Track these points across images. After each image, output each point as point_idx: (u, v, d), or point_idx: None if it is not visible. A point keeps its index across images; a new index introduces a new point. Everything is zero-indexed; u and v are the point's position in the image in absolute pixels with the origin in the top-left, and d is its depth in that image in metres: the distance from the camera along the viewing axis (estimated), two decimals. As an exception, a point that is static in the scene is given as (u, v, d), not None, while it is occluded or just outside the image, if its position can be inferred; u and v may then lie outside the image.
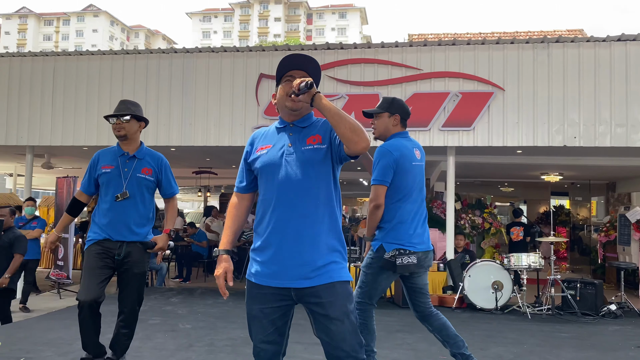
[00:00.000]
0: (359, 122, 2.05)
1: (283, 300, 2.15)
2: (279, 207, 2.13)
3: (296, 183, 2.12)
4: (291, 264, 2.11)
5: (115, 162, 3.54)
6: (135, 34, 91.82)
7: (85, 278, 3.36)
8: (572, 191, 15.88)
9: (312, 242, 2.11)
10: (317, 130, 2.20)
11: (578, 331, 5.78)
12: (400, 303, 7.05)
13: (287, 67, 2.22)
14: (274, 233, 2.14)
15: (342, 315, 2.09)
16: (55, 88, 8.32)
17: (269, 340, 2.17)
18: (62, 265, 7.94)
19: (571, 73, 7.29)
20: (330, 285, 2.11)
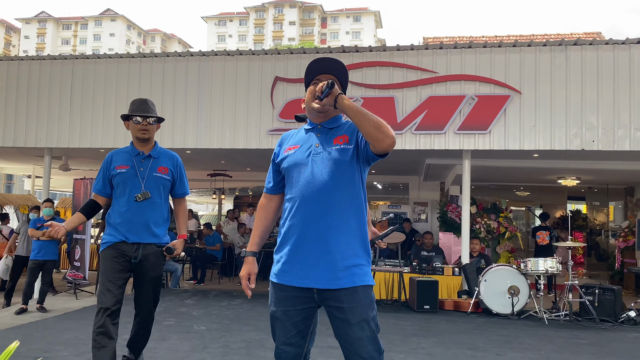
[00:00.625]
0: (383, 120, 2.03)
1: (306, 302, 2.14)
2: (303, 206, 2.13)
3: (322, 182, 2.12)
4: (314, 265, 2.10)
5: (130, 162, 3.49)
6: (152, 37, 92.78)
7: (103, 284, 3.32)
8: (589, 196, 15.66)
9: (335, 243, 2.10)
10: (344, 131, 2.22)
11: (596, 338, 5.69)
12: (415, 307, 7.00)
13: (315, 72, 2.23)
14: (297, 232, 2.13)
15: (362, 321, 2.07)
16: (73, 91, 8.42)
17: (291, 343, 2.16)
18: (79, 266, 8.02)
19: (589, 76, 7.20)
20: (353, 290, 2.09)
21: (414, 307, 7.05)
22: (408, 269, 7.89)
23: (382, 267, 7.84)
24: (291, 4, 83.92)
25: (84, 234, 8.06)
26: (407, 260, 8.78)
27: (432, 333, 5.65)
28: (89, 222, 8.09)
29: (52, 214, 7.16)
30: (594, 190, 14.18)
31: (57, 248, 7.12)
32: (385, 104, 7.64)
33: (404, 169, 11.28)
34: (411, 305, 7.24)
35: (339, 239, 2.10)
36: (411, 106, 7.56)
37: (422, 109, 7.53)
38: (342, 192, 2.13)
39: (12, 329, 5.40)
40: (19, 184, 19.33)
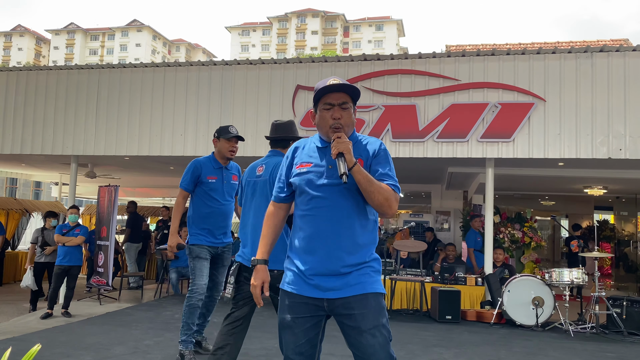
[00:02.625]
0: (391, 192, 2.15)
1: (315, 311, 2.16)
2: (314, 224, 2.17)
3: (332, 203, 2.16)
4: (324, 275, 2.13)
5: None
6: (176, 47, 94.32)
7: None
8: (617, 205, 15.31)
9: (346, 254, 2.13)
10: (359, 154, 2.23)
11: (624, 351, 5.53)
12: (437, 317, 6.91)
13: (324, 91, 2.24)
14: (308, 245, 2.17)
15: (373, 328, 2.09)
16: (99, 100, 8.59)
17: (301, 352, 2.17)
18: (102, 272, 8.14)
19: (616, 83, 7.06)
20: (363, 297, 2.12)
21: (436, 317, 6.95)
22: (430, 279, 7.80)
23: (403, 276, 7.77)
24: (314, 13, 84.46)
25: (107, 240, 8.18)
26: (429, 270, 8.69)
27: (454, 344, 5.56)
28: (113, 228, 8.22)
29: (77, 220, 7.30)
30: (622, 199, 13.86)
31: (81, 254, 7.25)
32: (407, 112, 7.60)
33: (426, 177, 11.19)
34: (433, 315, 7.15)
35: (348, 251, 2.14)
36: (433, 114, 7.51)
37: (444, 117, 7.47)
38: (353, 212, 2.17)
39: (37, 332, 5.50)
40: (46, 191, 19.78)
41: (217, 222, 4.34)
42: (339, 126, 2.20)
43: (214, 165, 4.35)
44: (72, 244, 6.98)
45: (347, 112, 2.23)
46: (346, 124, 2.22)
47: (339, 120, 2.20)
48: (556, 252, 15.49)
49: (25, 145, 8.77)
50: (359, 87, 7.73)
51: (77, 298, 8.16)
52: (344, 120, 2.21)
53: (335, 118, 2.21)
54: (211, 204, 4.32)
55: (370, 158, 2.22)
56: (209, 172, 4.31)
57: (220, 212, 4.35)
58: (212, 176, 4.30)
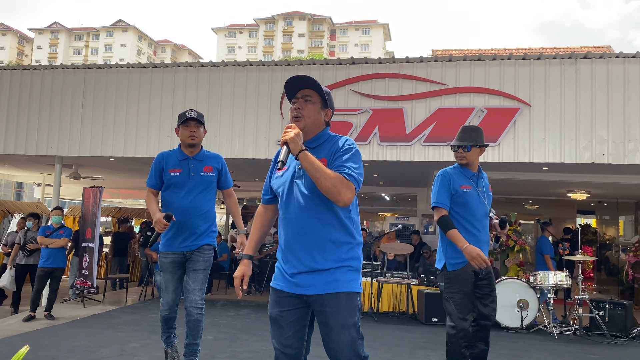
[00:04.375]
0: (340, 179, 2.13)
1: (298, 304, 2.26)
2: (290, 224, 2.26)
3: (304, 203, 2.22)
4: (302, 273, 2.22)
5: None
6: (162, 48, 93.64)
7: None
8: (599, 210, 15.53)
9: (319, 252, 2.21)
10: (324, 153, 2.27)
11: (607, 353, 5.61)
12: (423, 319, 6.95)
13: (291, 90, 2.32)
14: (287, 246, 2.27)
15: (341, 326, 2.16)
16: (84, 100, 8.51)
17: (289, 344, 2.25)
18: (87, 274, 8.04)
19: (599, 89, 7.18)
20: (336, 295, 2.19)
21: (422, 319, 7.00)
22: (416, 281, 7.84)
23: (389, 279, 7.80)
24: (301, 16, 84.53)
25: (92, 242, 8.09)
26: (415, 273, 8.73)
27: (441, 346, 5.58)
28: (97, 229, 8.13)
29: (61, 222, 7.20)
30: (604, 204, 14.07)
31: (65, 256, 7.15)
32: (394, 116, 7.65)
33: (412, 180, 11.25)
34: (419, 317, 7.19)
35: (325, 251, 2.21)
36: (420, 118, 7.57)
37: (431, 121, 7.54)
38: (325, 210, 2.22)
39: (20, 335, 5.42)
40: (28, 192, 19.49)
41: (182, 223, 3.67)
42: (299, 116, 2.26)
43: (178, 157, 3.77)
44: (56, 246, 6.89)
45: (310, 105, 2.28)
46: (307, 115, 2.26)
47: (300, 111, 2.26)
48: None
49: (8, 145, 8.64)
50: (346, 90, 7.80)
51: (60, 300, 8.05)
52: (305, 112, 2.26)
53: (295, 108, 2.28)
54: (174, 201, 3.70)
55: (333, 154, 2.24)
56: (172, 165, 3.73)
57: (185, 210, 3.67)
58: (175, 169, 3.71)
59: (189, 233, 3.69)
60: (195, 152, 3.80)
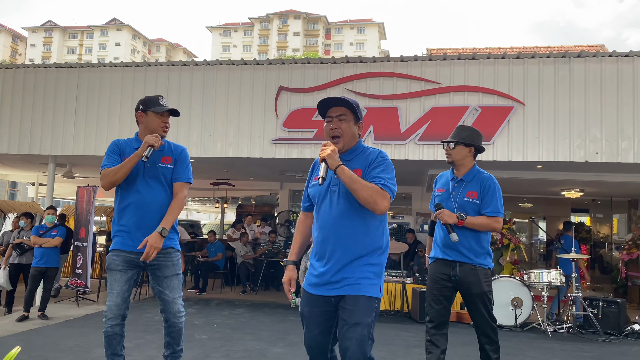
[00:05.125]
0: (376, 189, 2.37)
1: (327, 306, 2.46)
2: (323, 230, 2.47)
3: (337, 213, 2.44)
4: (332, 277, 2.43)
5: (446, 186, 3.89)
6: (157, 47, 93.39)
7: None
8: (593, 208, 15.60)
9: (350, 261, 2.42)
10: (359, 164, 2.50)
11: (601, 351, 5.64)
12: (418, 318, 6.96)
13: (326, 106, 2.54)
14: (318, 252, 2.50)
15: (355, 324, 2.33)
16: (78, 99, 8.47)
17: (316, 341, 2.50)
18: (81, 274, 8.01)
19: (593, 88, 7.21)
20: (356, 297, 2.38)
21: (417, 318, 7.01)
22: (411, 280, 7.86)
23: (385, 277, 7.80)
24: (296, 15, 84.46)
25: (86, 242, 8.06)
26: (410, 271, 8.75)
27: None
28: (91, 229, 8.10)
29: (54, 221, 7.17)
30: (598, 202, 14.13)
31: (58, 255, 7.12)
32: (389, 115, 7.65)
33: (407, 179, 11.27)
34: (414, 316, 7.21)
35: (352, 258, 2.42)
36: (415, 116, 7.58)
37: (426, 120, 7.54)
38: (355, 219, 2.43)
39: (13, 335, 5.39)
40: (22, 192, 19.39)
41: (138, 219, 3.22)
42: (337, 135, 2.50)
43: (135, 146, 3.32)
44: (49, 246, 6.87)
45: (344, 123, 2.50)
46: (345, 133, 2.50)
47: (337, 130, 2.49)
48: (534, 253, 15.72)
49: (1, 144, 8.59)
50: (341, 89, 7.79)
51: (54, 300, 8.02)
52: (342, 130, 2.49)
53: (332, 128, 2.50)
54: (128, 195, 3.26)
55: (367, 166, 2.47)
56: (129, 153, 3.27)
57: (141, 205, 3.23)
58: None
59: (147, 231, 3.16)
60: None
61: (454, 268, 3.56)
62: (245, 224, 12.54)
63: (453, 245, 3.55)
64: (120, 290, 3.18)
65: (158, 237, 3.11)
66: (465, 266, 3.54)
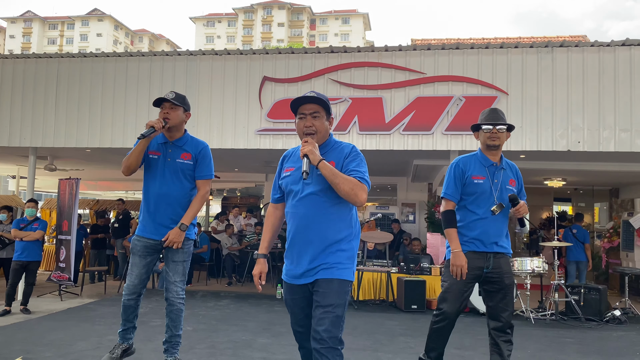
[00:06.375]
0: (356, 182, 2.47)
1: (307, 292, 2.55)
2: (296, 220, 2.55)
3: (310, 202, 2.52)
4: (308, 266, 2.53)
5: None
6: (139, 38, 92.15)
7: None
8: (575, 197, 15.81)
9: (323, 248, 2.51)
10: (332, 157, 2.59)
11: (582, 336, 5.73)
12: (403, 307, 7.01)
13: (299, 103, 2.61)
14: (293, 243, 2.58)
15: (327, 305, 2.42)
16: (58, 90, 8.33)
17: (301, 324, 2.61)
18: (64, 267, 7.92)
19: (575, 77, 7.27)
20: (329, 280, 2.48)
21: (402, 307, 7.06)
22: (396, 270, 7.90)
23: (370, 267, 7.84)
24: (280, 5, 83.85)
25: (69, 235, 7.96)
26: (395, 261, 8.80)
27: (420, 332, 5.66)
28: (74, 222, 8.00)
29: (35, 215, 7.07)
30: (580, 191, 14.32)
31: (40, 249, 7.03)
32: (374, 105, 7.65)
33: (392, 170, 11.30)
34: (399, 305, 7.25)
35: (325, 246, 2.51)
36: (399, 107, 7.58)
37: (410, 110, 7.55)
38: (328, 209, 2.52)
39: (-5, 330, 5.31)
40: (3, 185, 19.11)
41: (156, 209, 3.58)
42: (311, 132, 2.57)
43: (160, 140, 3.65)
44: (30, 239, 6.77)
45: (318, 121, 2.59)
46: (318, 130, 2.58)
47: (311, 128, 2.57)
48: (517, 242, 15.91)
49: (-21, 136, 8.42)
50: (325, 79, 7.76)
51: (37, 294, 7.92)
52: (316, 128, 2.58)
53: (307, 126, 2.58)
54: (149, 185, 3.63)
55: (342, 160, 2.57)
56: (153, 147, 3.62)
57: (158, 197, 3.57)
58: (155, 152, 3.61)
59: (164, 220, 3.58)
60: (175, 137, 3.65)
61: (488, 259, 3.37)
62: (231, 215, 12.50)
63: (490, 237, 3.37)
64: (138, 273, 3.63)
65: (178, 233, 3.55)
66: (499, 256, 3.40)
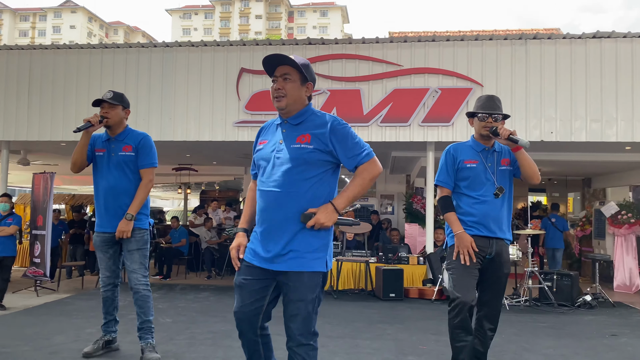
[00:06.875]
0: (368, 173, 2.36)
1: (265, 276, 2.33)
2: (267, 198, 2.32)
3: (282, 178, 2.28)
4: (273, 249, 2.29)
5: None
6: (114, 30, 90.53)
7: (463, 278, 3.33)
8: (550, 187, 16.13)
9: (292, 232, 2.28)
10: (308, 130, 2.33)
11: (554, 321, 5.90)
12: (381, 295, 7.10)
13: (270, 65, 2.37)
14: (261, 221, 2.35)
15: (299, 301, 2.26)
16: (31, 83, 8.18)
17: (246, 310, 2.34)
18: (39, 263, 7.81)
19: (548, 69, 7.42)
20: (299, 273, 2.27)
21: (380, 295, 7.15)
22: (374, 259, 7.99)
23: (349, 257, 7.91)
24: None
25: (44, 230, 7.85)
26: (374, 251, 8.89)
27: (397, 320, 5.76)
28: (49, 217, 7.89)
29: (8, 210, 6.95)
30: (554, 182, 14.61)
31: (15, 244, 6.91)
32: (352, 97, 7.69)
33: (370, 161, 11.37)
34: (377, 293, 7.35)
35: (295, 229, 2.28)
36: (377, 99, 7.64)
37: (388, 102, 7.62)
38: (299, 188, 2.28)
39: (-31, 326, 5.23)
40: (-25, 181, 18.62)
41: (106, 203, 3.80)
42: (280, 95, 2.32)
43: (103, 137, 3.90)
44: (4, 234, 6.65)
45: (289, 84, 2.33)
46: (289, 94, 2.32)
47: (280, 91, 2.32)
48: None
49: (-51, 130, 8.24)
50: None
51: (12, 290, 7.81)
52: (286, 91, 2.32)
53: (276, 89, 2.34)
54: (98, 181, 3.87)
55: (327, 137, 2.30)
56: (99, 145, 3.87)
57: (106, 191, 3.79)
58: (100, 149, 3.86)
59: (115, 213, 3.79)
60: (116, 133, 3.88)
61: (491, 245, 3.22)
62: (209, 209, 12.44)
63: (491, 220, 3.22)
64: (106, 266, 3.90)
65: (125, 223, 3.73)
66: (501, 243, 3.26)
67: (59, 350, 4.17)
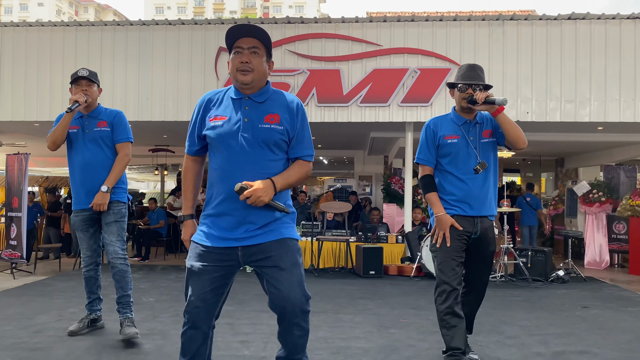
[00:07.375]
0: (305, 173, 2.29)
1: (228, 260, 2.20)
2: (232, 178, 2.16)
3: (249, 158, 2.17)
4: (240, 227, 2.17)
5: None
6: (85, 8, 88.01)
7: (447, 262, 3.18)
8: (524, 168, 16.48)
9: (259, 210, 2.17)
10: (276, 109, 2.22)
11: (529, 295, 6.10)
12: (362, 273, 7.23)
13: (236, 35, 2.22)
14: (225, 201, 2.18)
15: (291, 266, 2.15)
16: (2, 61, 7.97)
17: (205, 299, 2.17)
18: (15, 245, 7.70)
19: (524, 50, 7.54)
20: (281, 241, 2.19)
21: (360, 272, 7.27)
22: (354, 239, 8.10)
23: (329, 237, 8.00)
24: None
25: (20, 212, 7.73)
26: (354, 230, 9.00)
27: (378, 296, 5.88)
28: (24, 198, 7.76)
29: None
30: (528, 162, 14.92)
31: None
32: (331, 76, 7.70)
33: (349, 143, 11.44)
34: (357, 271, 7.47)
35: (264, 209, 2.18)
36: (357, 79, 7.67)
37: (367, 82, 7.66)
38: (267, 166, 2.19)
39: (-53, 308, 5.16)
40: (-58, 163, 18.07)
41: (82, 179, 3.79)
42: (247, 70, 2.18)
43: (76, 115, 3.87)
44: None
45: (257, 58, 2.20)
46: (256, 69, 2.19)
47: (247, 65, 2.18)
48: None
49: None
50: (282, 50, 7.74)
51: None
52: (253, 65, 2.19)
53: (242, 62, 2.18)
54: (73, 158, 3.86)
55: (294, 118, 2.23)
56: (72, 122, 3.84)
57: (83, 167, 3.79)
58: (74, 126, 3.84)
59: (92, 188, 3.76)
60: (90, 110, 3.88)
61: (476, 225, 3.13)
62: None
63: (475, 198, 3.12)
64: (87, 245, 3.90)
65: (101, 195, 3.73)
66: (485, 221, 3.16)
67: (43, 329, 4.16)
